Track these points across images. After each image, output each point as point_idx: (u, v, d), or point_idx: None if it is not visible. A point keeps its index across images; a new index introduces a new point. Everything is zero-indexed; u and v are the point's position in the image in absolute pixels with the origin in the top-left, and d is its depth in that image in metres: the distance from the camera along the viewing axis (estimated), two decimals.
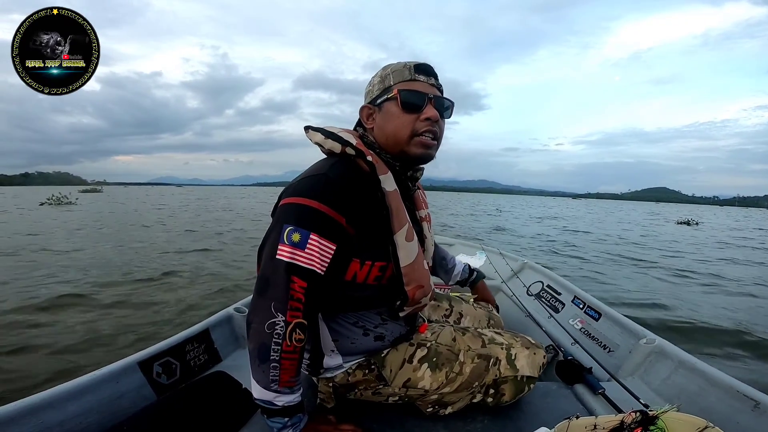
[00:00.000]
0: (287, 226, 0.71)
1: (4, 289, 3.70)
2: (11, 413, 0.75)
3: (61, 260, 5.17)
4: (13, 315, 2.98)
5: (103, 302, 3.36)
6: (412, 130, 0.80)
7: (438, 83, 0.85)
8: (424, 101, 0.80)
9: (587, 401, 1.03)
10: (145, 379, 1.00)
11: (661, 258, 7.30)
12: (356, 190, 0.76)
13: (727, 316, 3.61)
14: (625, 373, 1.19)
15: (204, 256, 5.78)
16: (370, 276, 0.80)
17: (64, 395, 0.83)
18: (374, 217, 0.77)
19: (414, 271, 0.81)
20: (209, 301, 3.46)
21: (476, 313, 1.20)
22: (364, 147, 0.79)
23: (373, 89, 0.86)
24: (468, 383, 0.88)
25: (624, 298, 4.12)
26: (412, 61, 0.84)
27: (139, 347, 1.07)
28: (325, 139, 0.80)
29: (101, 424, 0.86)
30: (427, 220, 0.99)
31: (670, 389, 1.06)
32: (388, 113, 0.82)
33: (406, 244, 0.79)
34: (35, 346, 2.44)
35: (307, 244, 0.70)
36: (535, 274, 2.20)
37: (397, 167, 0.85)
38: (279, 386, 0.71)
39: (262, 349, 0.70)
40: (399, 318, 0.88)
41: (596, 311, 1.54)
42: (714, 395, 0.95)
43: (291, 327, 0.69)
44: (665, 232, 14.02)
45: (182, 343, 1.14)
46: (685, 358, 1.09)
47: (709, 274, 5.76)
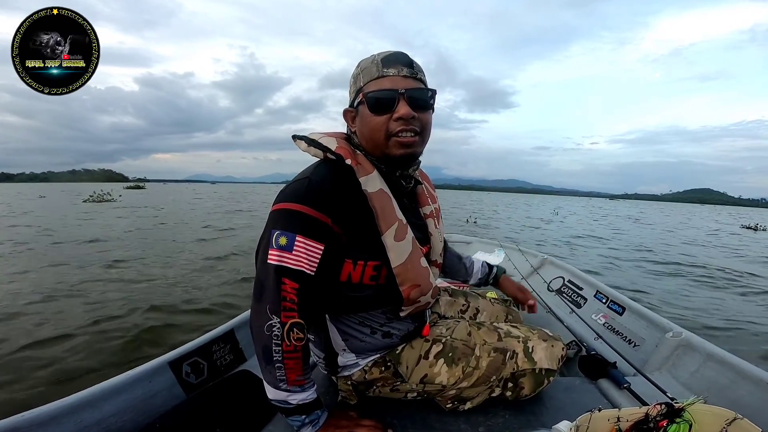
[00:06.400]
0: (275, 231, 0.72)
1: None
2: (52, 412, 0.78)
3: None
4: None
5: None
6: (386, 131, 0.77)
7: (413, 72, 0.78)
8: (395, 98, 0.76)
9: (612, 396, 1.01)
10: (175, 378, 1.04)
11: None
12: (340, 191, 0.75)
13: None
14: (651, 368, 1.16)
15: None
16: (365, 276, 0.80)
17: (101, 395, 0.87)
18: (360, 218, 0.77)
19: (407, 270, 0.80)
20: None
21: (493, 308, 1.19)
22: (345, 150, 0.78)
23: (350, 90, 0.85)
24: (485, 377, 0.88)
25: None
26: (381, 53, 0.80)
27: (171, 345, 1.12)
28: (308, 147, 0.81)
29: (136, 422, 0.90)
30: (433, 216, 0.97)
31: (699, 383, 1.03)
32: (362, 116, 0.80)
33: (396, 244, 0.78)
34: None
35: (294, 246, 0.71)
36: (556, 270, 2.16)
37: (384, 168, 0.83)
38: (288, 385, 0.73)
39: (266, 351, 0.72)
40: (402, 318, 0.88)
41: (620, 305, 1.50)
42: (744, 388, 0.92)
43: (287, 327, 0.70)
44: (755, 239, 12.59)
45: (209, 343, 1.18)
46: (713, 350, 1.05)
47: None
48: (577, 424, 0.69)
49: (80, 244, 6.36)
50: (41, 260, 5.03)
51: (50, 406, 0.79)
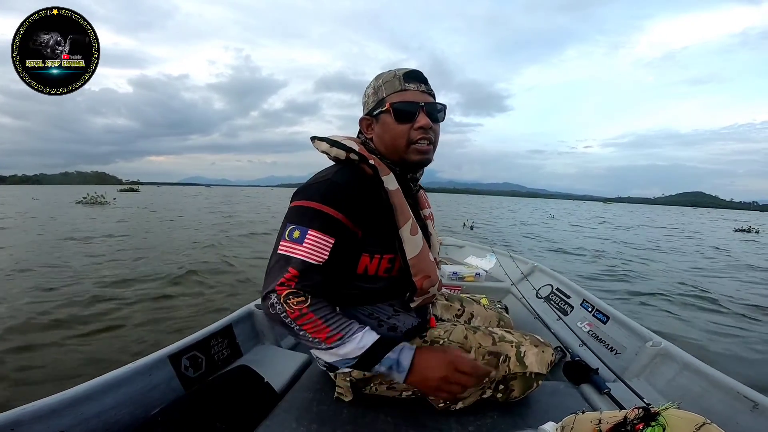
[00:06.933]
0: (290, 225, 0.79)
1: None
2: (53, 405, 0.79)
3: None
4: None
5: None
6: (407, 139, 0.86)
7: (429, 88, 0.90)
8: (416, 110, 0.86)
9: (593, 400, 1.07)
10: (174, 372, 1.06)
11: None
12: (360, 191, 0.82)
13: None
14: (631, 375, 1.22)
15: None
16: (380, 268, 0.86)
17: (101, 387, 0.88)
18: (379, 214, 0.83)
19: (420, 262, 0.87)
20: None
21: (487, 314, 1.25)
22: (366, 152, 0.85)
23: (368, 101, 0.92)
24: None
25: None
26: (402, 69, 0.89)
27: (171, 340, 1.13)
28: (331, 148, 0.87)
29: (135, 415, 0.91)
30: (430, 218, 1.06)
31: (674, 390, 1.09)
32: (384, 124, 0.88)
33: (411, 237, 0.85)
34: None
35: (305, 239, 0.76)
36: (545, 277, 2.23)
37: (398, 171, 0.91)
38: (327, 344, 0.77)
39: (283, 325, 0.77)
40: (410, 309, 0.94)
41: (604, 314, 1.57)
42: (716, 396, 0.98)
43: (283, 297, 0.74)
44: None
45: (207, 337, 1.21)
46: (689, 360, 1.12)
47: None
48: (562, 425, 0.74)
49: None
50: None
51: (51, 399, 0.80)
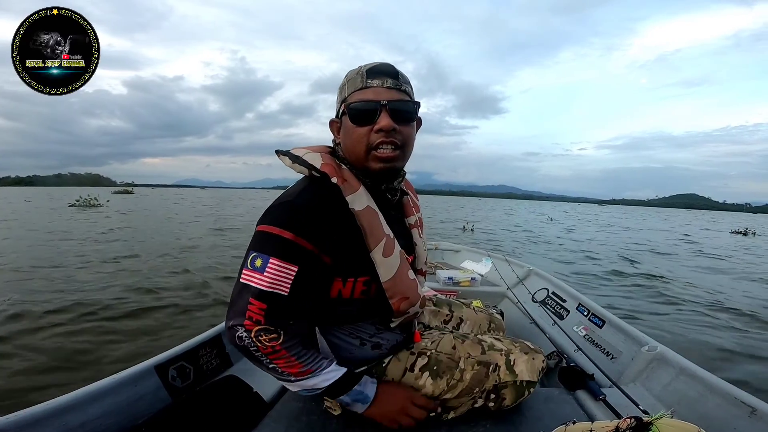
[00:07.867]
0: (252, 252, 0.73)
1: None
2: (36, 415, 0.78)
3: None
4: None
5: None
6: (367, 144, 0.76)
7: (398, 84, 0.77)
8: (377, 110, 0.74)
9: (588, 407, 1.05)
10: (161, 382, 1.04)
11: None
12: (325, 214, 0.74)
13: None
14: (626, 380, 1.21)
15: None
16: (355, 291, 0.80)
17: (86, 398, 0.87)
18: (348, 237, 0.76)
19: (396, 284, 0.81)
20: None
21: (477, 317, 1.23)
22: (331, 167, 0.76)
23: (337, 100, 0.84)
24: (469, 389, 0.91)
25: None
26: (367, 64, 0.79)
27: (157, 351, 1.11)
28: (293, 164, 0.79)
29: (120, 425, 0.90)
30: (417, 226, 0.98)
31: (670, 395, 1.07)
32: (345, 127, 0.80)
33: (385, 260, 0.78)
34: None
35: (267, 268, 0.71)
36: (541, 281, 2.21)
37: (368, 182, 0.82)
38: (296, 378, 0.76)
39: (250, 357, 0.75)
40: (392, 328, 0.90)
41: (600, 318, 1.55)
42: (713, 401, 0.97)
43: (254, 334, 0.71)
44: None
45: (196, 347, 1.18)
46: (685, 365, 1.10)
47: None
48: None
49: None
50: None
51: (34, 409, 0.79)
